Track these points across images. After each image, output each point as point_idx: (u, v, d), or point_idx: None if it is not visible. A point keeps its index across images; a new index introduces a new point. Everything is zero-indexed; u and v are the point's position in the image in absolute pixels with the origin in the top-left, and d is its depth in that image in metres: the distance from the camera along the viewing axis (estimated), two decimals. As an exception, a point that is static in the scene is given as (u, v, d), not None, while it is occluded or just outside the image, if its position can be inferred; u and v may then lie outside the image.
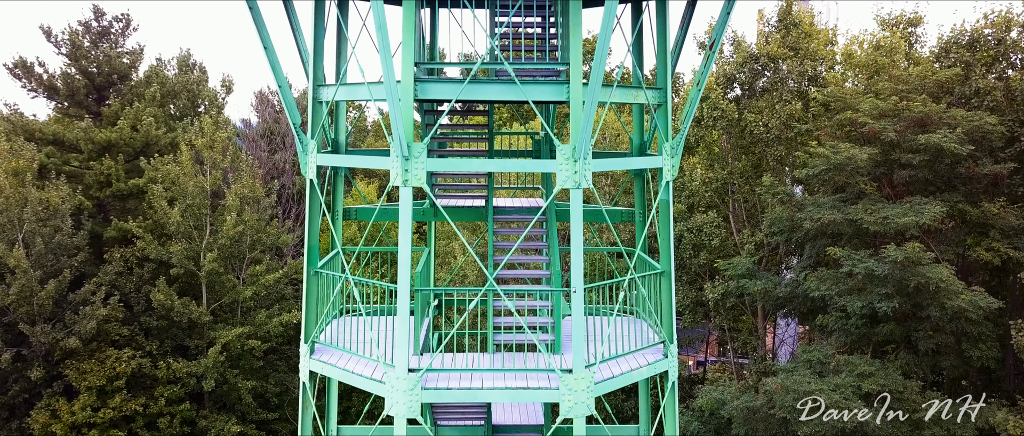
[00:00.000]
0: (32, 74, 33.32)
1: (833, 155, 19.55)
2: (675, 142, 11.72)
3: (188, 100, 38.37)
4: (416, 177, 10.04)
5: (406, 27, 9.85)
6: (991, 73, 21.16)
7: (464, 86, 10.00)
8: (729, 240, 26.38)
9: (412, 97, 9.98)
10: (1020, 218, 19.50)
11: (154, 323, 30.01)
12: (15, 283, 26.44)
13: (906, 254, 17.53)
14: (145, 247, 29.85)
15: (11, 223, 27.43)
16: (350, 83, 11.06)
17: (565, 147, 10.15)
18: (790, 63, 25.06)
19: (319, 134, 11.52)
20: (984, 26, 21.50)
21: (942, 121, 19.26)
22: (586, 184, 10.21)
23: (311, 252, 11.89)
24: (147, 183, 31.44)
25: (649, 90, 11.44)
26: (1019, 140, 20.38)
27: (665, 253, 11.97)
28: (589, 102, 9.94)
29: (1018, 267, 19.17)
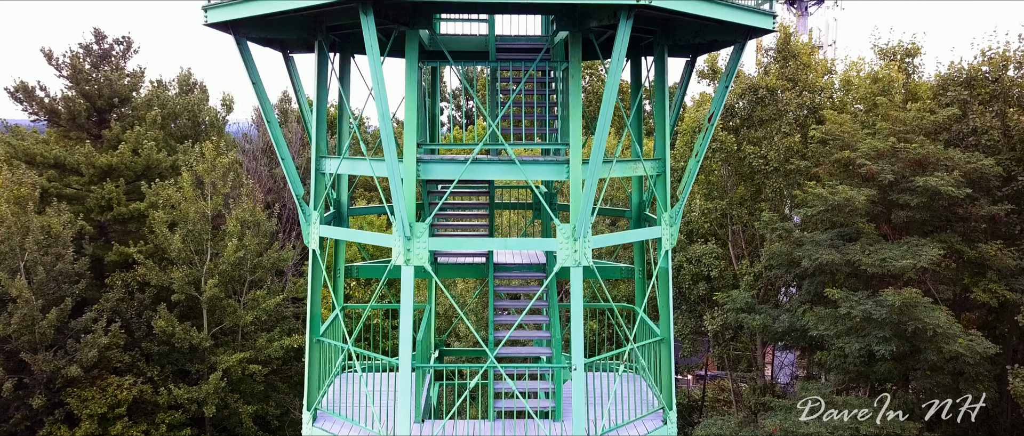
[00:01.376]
0: (33, 98, 33.43)
1: (831, 196, 19.66)
2: (674, 211, 11.84)
3: (189, 120, 38.48)
4: (418, 257, 10.15)
5: (408, 109, 9.96)
6: (989, 111, 21.26)
7: (466, 167, 10.11)
8: (728, 270, 26.49)
9: (415, 178, 10.10)
10: (1017, 259, 19.62)
11: (155, 348, 30.14)
12: (17, 312, 26.54)
13: (904, 299, 17.64)
14: (146, 273, 29.98)
15: (13, 252, 27.53)
16: (353, 157, 11.17)
17: (565, 227, 10.27)
18: (789, 95, 25.18)
19: (322, 203, 11.63)
20: (981, 63, 21.60)
21: (940, 163, 19.38)
22: (586, 262, 10.33)
23: (313, 319, 12.00)
24: (148, 208, 31.57)
25: (648, 161, 11.56)
26: (1016, 179, 20.49)
27: (665, 320, 12.08)
28: (589, 181, 10.06)
29: (1015, 308, 19.28)
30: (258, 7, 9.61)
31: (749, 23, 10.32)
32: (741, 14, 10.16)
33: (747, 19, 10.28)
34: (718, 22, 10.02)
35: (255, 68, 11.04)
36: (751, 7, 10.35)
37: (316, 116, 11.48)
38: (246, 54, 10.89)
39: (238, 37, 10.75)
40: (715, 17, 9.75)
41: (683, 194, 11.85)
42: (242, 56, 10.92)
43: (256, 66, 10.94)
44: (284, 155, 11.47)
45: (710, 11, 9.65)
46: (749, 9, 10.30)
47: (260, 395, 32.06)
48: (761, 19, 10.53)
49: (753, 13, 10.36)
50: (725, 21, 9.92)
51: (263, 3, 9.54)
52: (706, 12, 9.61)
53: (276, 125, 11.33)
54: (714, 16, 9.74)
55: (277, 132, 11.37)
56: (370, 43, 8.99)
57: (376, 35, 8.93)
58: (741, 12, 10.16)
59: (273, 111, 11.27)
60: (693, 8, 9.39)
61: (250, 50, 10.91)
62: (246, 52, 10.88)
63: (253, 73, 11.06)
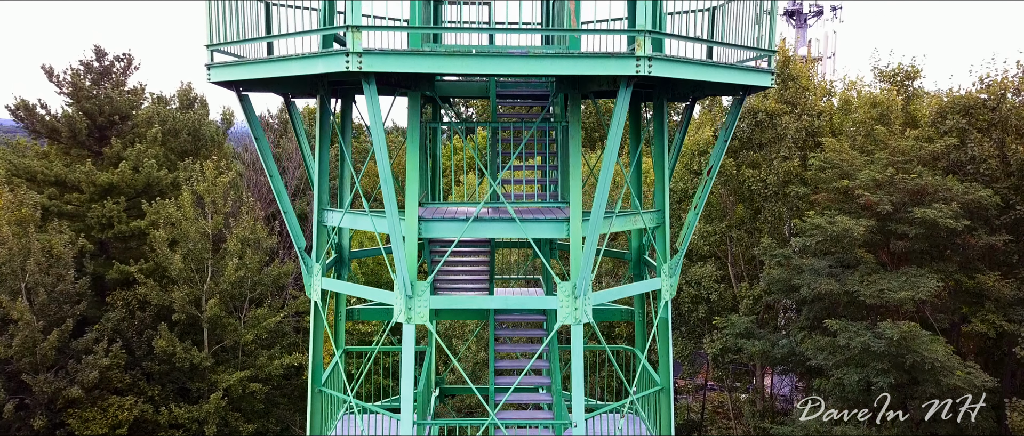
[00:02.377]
0: (34, 116, 33.47)
1: (829, 226, 19.74)
2: (673, 262, 11.91)
3: (189, 135, 38.50)
4: (420, 315, 10.22)
5: (410, 168, 10.03)
6: (987, 139, 21.33)
7: (467, 225, 10.18)
8: (727, 292, 26.57)
9: (416, 237, 10.16)
10: (1015, 289, 19.70)
11: (156, 368, 30.22)
12: (18, 334, 26.61)
13: (902, 332, 17.73)
14: (147, 293, 30.06)
15: (14, 273, 27.58)
16: (355, 211, 11.23)
17: (565, 285, 10.33)
18: (788, 118, 25.25)
19: (324, 255, 11.69)
20: (980, 91, 21.67)
21: (938, 193, 19.46)
22: (586, 319, 10.40)
23: (315, 369, 12.07)
24: (148, 226, 31.63)
25: (647, 213, 11.62)
26: (1014, 208, 20.56)
27: (664, 369, 12.15)
28: (589, 239, 10.13)
29: (1012, 339, 19.37)
30: (261, 70, 9.68)
31: (748, 82, 10.39)
32: (740, 75, 10.23)
33: (746, 79, 10.35)
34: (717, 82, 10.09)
35: (257, 122, 11.11)
36: (751, 67, 10.42)
37: (318, 168, 11.55)
38: (248, 109, 10.96)
39: (240, 92, 10.81)
40: (714, 80, 9.82)
41: (682, 245, 11.92)
42: (244, 110, 10.99)
43: (258, 119, 11.01)
44: (286, 209, 11.53)
45: (709, 75, 9.73)
46: (748, 70, 10.37)
47: (260, 412, 32.15)
48: (760, 77, 10.60)
49: (752, 73, 10.43)
50: (724, 82, 9.99)
51: (265, 67, 9.60)
52: (705, 77, 9.68)
53: (278, 178, 11.39)
54: (713, 79, 9.82)
55: (279, 185, 11.43)
56: (372, 111, 9.06)
57: (378, 102, 9.00)
58: (740, 73, 10.23)
59: (275, 164, 11.34)
60: (692, 74, 9.46)
61: (252, 105, 10.98)
62: (248, 108, 10.95)
63: (256, 127, 11.13)
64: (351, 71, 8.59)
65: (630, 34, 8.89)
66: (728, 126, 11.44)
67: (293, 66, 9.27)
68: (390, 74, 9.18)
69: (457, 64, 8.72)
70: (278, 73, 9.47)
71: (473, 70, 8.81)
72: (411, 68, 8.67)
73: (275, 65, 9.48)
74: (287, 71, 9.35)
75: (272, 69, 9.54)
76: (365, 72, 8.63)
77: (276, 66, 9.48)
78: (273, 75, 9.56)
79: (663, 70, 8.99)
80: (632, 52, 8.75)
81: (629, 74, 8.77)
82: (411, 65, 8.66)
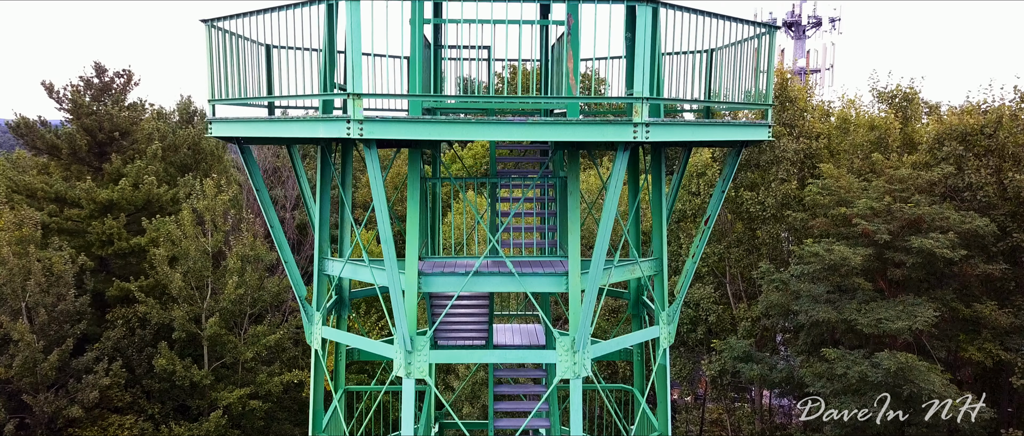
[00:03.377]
0: (34, 133, 33.56)
1: (827, 255, 19.83)
2: (672, 309, 12.00)
3: (189, 150, 38.57)
4: (419, 370, 10.31)
5: (410, 225, 10.11)
6: (984, 166, 21.43)
7: (468, 279, 10.27)
8: (726, 313, 26.67)
9: (416, 291, 10.25)
10: (1012, 317, 19.80)
11: (156, 386, 30.31)
12: (19, 355, 26.69)
13: (899, 364, 17.83)
14: (147, 311, 30.14)
15: (15, 293, 27.66)
16: (356, 260, 11.32)
17: (565, 339, 10.42)
18: (786, 141, 25.35)
19: (325, 303, 11.78)
20: (977, 122, 21.73)
21: (935, 223, 19.56)
22: (586, 373, 10.49)
23: (316, 415, 12.16)
24: (148, 243, 31.71)
25: (645, 262, 11.72)
26: (1011, 235, 20.67)
27: (662, 415, 12.25)
28: (589, 293, 10.22)
29: (1009, 369, 19.47)
30: (262, 129, 9.76)
31: (746, 138, 10.49)
32: (738, 131, 10.33)
33: (744, 134, 10.45)
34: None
35: (258, 172, 11.20)
36: (748, 122, 10.50)
37: (319, 218, 11.63)
38: (250, 160, 11.05)
39: (242, 146, 10.90)
40: (712, 139, 9.92)
41: (681, 292, 12.01)
42: (245, 162, 11.08)
43: (259, 171, 11.09)
44: (287, 258, 11.62)
45: (706, 134, 9.82)
46: (746, 125, 10.46)
47: (261, 430, 32.22)
48: (757, 131, 10.69)
49: (749, 128, 10.52)
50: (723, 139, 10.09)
51: (267, 126, 9.69)
52: (702, 137, 9.78)
53: (279, 229, 11.48)
54: (710, 138, 9.91)
55: (280, 235, 11.52)
56: (373, 173, 9.16)
57: (379, 165, 9.09)
58: (738, 129, 10.32)
59: (276, 215, 11.43)
60: (690, 135, 9.56)
61: (254, 157, 11.06)
62: (250, 159, 11.04)
63: (256, 179, 11.22)
64: (352, 138, 8.68)
65: (628, 101, 8.97)
66: (726, 177, 11.52)
67: (294, 128, 9.35)
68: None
69: (457, 131, 8.81)
70: (279, 134, 9.56)
71: (473, 137, 8.90)
72: (412, 135, 8.75)
73: (277, 125, 9.57)
74: (288, 133, 9.43)
75: (274, 129, 9.63)
76: (366, 139, 8.72)
77: (278, 126, 9.56)
78: (274, 135, 9.66)
79: (660, 134, 9.07)
80: (630, 119, 8.84)
81: (626, 140, 8.87)
82: (412, 132, 8.75)
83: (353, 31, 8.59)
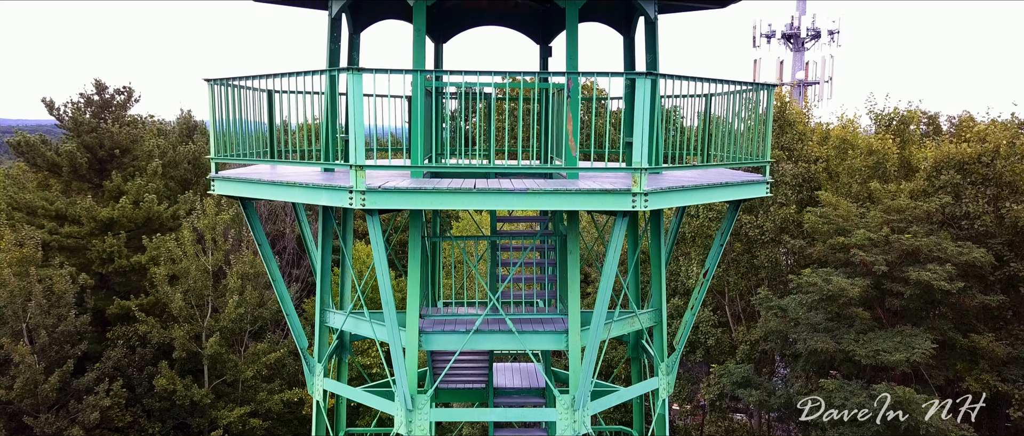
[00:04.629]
0: (36, 151, 33.61)
1: (825, 285, 19.93)
2: (671, 361, 12.10)
3: (190, 165, 38.64)
4: (420, 427, 10.40)
5: (411, 285, 10.20)
6: (982, 195, 21.52)
7: (468, 338, 10.36)
8: (725, 336, 26.76)
9: (417, 349, 10.33)
10: (1009, 348, 19.90)
11: (156, 405, 30.39)
12: (20, 376, 26.77)
13: (897, 397, 17.93)
14: (148, 331, 30.22)
15: (16, 315, 27.74)
16: (357, 312, 11.41)
17: (565, 397, 10.51)
18: (785, 166, 25.44)
19: (326, 356, 11.86)
20: (975, 151, 21.80)
21: (932, 254, 19.65)
22: (586, 430, 10.58)
23: (317, 464, 12.24)
24: (149, 261, 31.78)
25: (644, 313, 11.81)
26: (1008, 264, 20.77)
27: (661, 463, 12.33)
28: (589, 349, 10.32)
29: (1006, 400, 19.57)
30: (265, 192, 9.85)
31: (744, 196, 10.58)
32: (735, 191, 10.42)
33: (742, 193, 10.55)
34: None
35: (260, 228, 11.28)
36: (747, 181, 10.59)
37: (320, 270, 11.72)
38: (252, 217, 11.14)
39: (245, 202, 10.99)
40: (709, 201, 10.00)
41: (680, 344, 12.10)
42: (247, 217, 11.17)
43: (262, 227, 11.18)
44: (289, 311, 11.71)
45: (704, 198, 9.92)
46: (743, 184, 10.54)
47: (261, 448, 32.30)
48: (755, 189, 10.78)
49: (748, 186, 10.61)
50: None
51: (269, 189, 9.77)
52: (700, 200, 9.87)
53: (281, 283, 11.57)
54: (708, 201, 10.00)
55: (282, 288, 11.61)
56: (375, 240, 9.24)
57: (380, 232, 9.18)
58: (735, 189, 10.41)
59: (279, 271, 11.51)
60: (687, 200, 9.64)
61: (256, 213, 11.15)
62: (252, 215, 11.12)
63: (259, 234, 11.31)
64: (354, 208, 8.78)
65: (627, 171, 9.07)
66: (724, 231, 11.62)
67: (297, 194, 9.44)
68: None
69: (458, 201, 8.90)
70: (281, 198, 9.65)
71: (474, 206, 8.99)
72: (413, 205, 8.85)
73: (279, 189, 9.65)
74: (291, 197, 9.53)
75: (276, 192, 9.71)
76: (368, 209, 8.81)
77: (280, 190, 9.64)
78: (276, 198, 9.74)
79: (659, 202, 9.17)
80: (628, 189, 8.93)
81: (625, 209, 8.96)
82: (413, 202, 8.85)
83: (355, 103, 8.68)
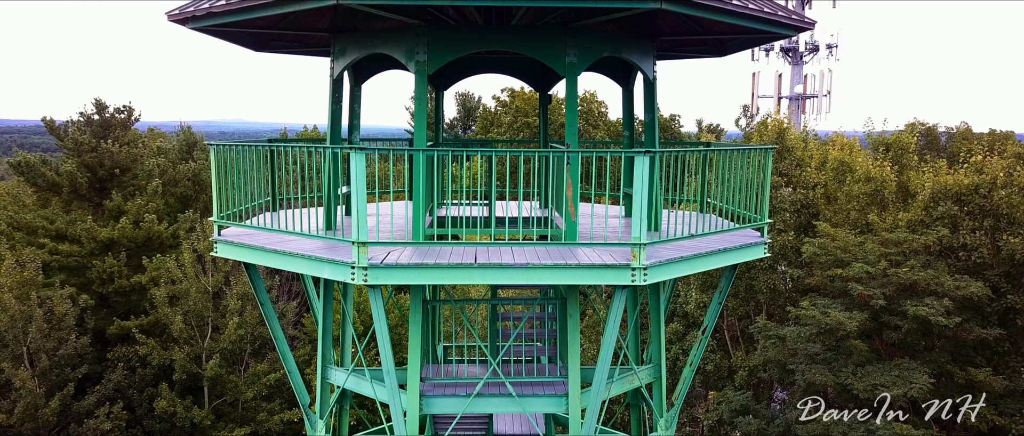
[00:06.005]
0: (36, 172, 33.68)
1: (823, 318, 20.03)
2: (670, 415, 12.20)
3: (189, 181, 38.70)
4: (421, 490, 10.49)
5: (412, 349, 10.29)
6: (979, 227, 21.64)
7: (469, 401, 10.46)
8: (724, 363, 26.87)
9: (417, 413, 10.43)
10: (1006, 381, 20.00)
11: (157, 427, 30.47)
12: (21, 401, 26.84)
13: (895, 432, 18.04)
14: (148, 353, 30.29)
15: (16, 339, 27.80)
16: (357, 371, 11.50)
17: (564, 458, 10.61)
18: (784, 192, 25.55)
19: (327, 412, 11.96)
20: (972, 182, 21.90)
21: (929, 288, 19.76)
22: (584, 488, 10.67)
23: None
24: (149, 281, 31.85)
25: (642, 369, 11.91)
26: (1005, 297, 20.89)
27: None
28: (590, 411, 10.41)
29: (1003, 434, 19.67)
30: (267, 259, 9.95)
31: (742, 260, 10.68)
32: (734, 255, 10.51)
33: (741, 256, 10.65)
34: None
35: (263, 288, 11.38)
36: (745, 244, 10.69)
37: (322, 326, 11.82)
38: (255, 279, 11.23)
39: (247, 265, 11.08)
40: (707, 269, 10.10)
41: (679, 399, 12.20)
42: (250, 279, 11.26)
43: (265, 289, 11.27)
44: (291, 368, 11.81)
45: (702, 266, 10.01)
46: (743, 247, 10.64)
47: (261, 468, 32.38)
48: (753, 251, 10.89)
49: (746, 249, 10.71)
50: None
51: (271, 257, 9.87)
52: (698, 269, 9.97)
53: (283, 340, 11.66)
54: (706, 268, 10.10)
55: (284, 346, 11.71)
56: (377, 313, 9.34)
57: (382, 307, 9.27)
58: (734, 253, 10.51)
59: (282, 332, 11.60)
60: (686, 270, 9.74)
61: (259, 275, 11.24)
62: (256, 277, 11.22)
63: (261, 293, 11.40)
64: (356, 283, 8.87)
65: (626, 246, 9.16)
66: (722, 290, 11.73)
67: (300, 264, 9.54)
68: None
69: (459, 275, 8.99)
70: (284, 267, 9.75)
71: (475, 281, 9.08)
72: (415, 281, 8.95)
73: (282, 258, 9.74)
74: (294, 267, 9.63)
75: (279, 261, 9.80)
76: (371, 284, 8.91)
77: (283, 259, 9.73)
78: (279, 267, 9.84)
79: (658, 275, 9.27)
80: (627, 263, 9.02)
81: (624, 283, 9.06)
82: (415, 277, 8.94)
83: (357, 181, 8.78)
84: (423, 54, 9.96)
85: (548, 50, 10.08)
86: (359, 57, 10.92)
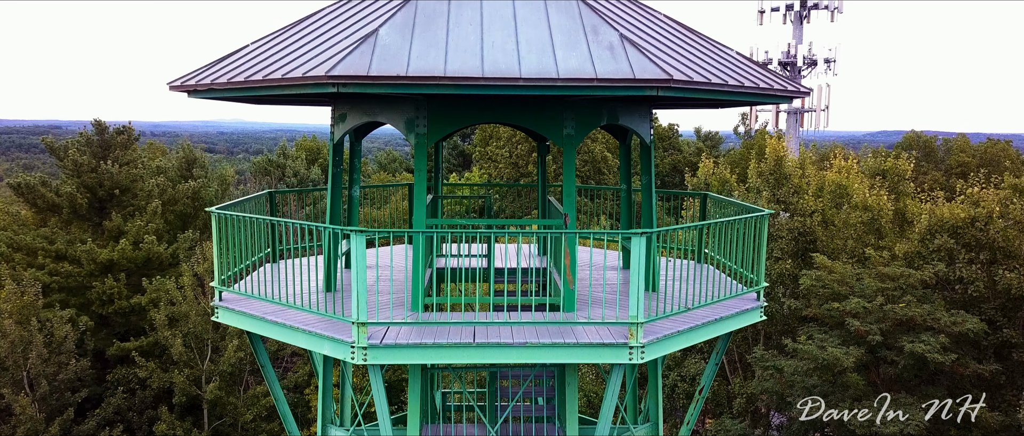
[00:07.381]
0: (36, 193, 33.76)
1: (820, 352, 20.14)
2: (667, 473, 12.30)
3: (189, 199, 38.79)
4: None
5: (412, 413, 10.39)
6: (976, 260, 21.75)
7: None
8: (722, 388, 26.98)
9: (417, 481, 10.52)
10: (1002, 416, 20.10)
11: (156, 449, 30.57)
12: (21, 426, 26.91)
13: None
14: (148, 376, 30.38)
15: (16, 365, 27.88)
16: (358, 430, 11.60)
17: (563, 522, 10.71)
18: (781, 220, 25.66)
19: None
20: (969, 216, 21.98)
21: (926, 323, 19.86)
22: None
23: None
24: (148, 303, 31.94)
25: (640, 428, 12.01)
26: (1001, 330, 20.99)
27: None
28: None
29: (999, 469, 19.80)
30: (268, 330, 10.04)
31: (739, 326, 10.79)
32: (731, 322, 10.61)
33: (738, 323, 10.75)
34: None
35: (265, 355, 11.47)
36: (742, 311, 10.78)
37: (322, 385, 11.91)
38: (257, 345, 11.32)
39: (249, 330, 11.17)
40: (708, 338, 10.20)
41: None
42: (252, 345, 11.35)
43: (267, 355, 11.36)
44: (292, 430, 11.90)
45: (700, 336, 10.11)
46: (740, 314, 10.73)
47: (260, 489, 32.48)
48: (750, 317, 10.99)
49: (743, 315, 10.81)
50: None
51: (272, 328, 9.96)
52: (696, 339, 10.07)
53: (283, 401, 11.76)
54: (704, 338, 10.20)
55: (284, 407, 11.80)
56: (377, 391, 9.43)
57: (383, 387, 9.36)
58: (731, 321, 10.60)
59: (283, 395, 11.70)
60: (684, 343, 9.84)
61: (261, 343, 11.33)
62: (257, 342, 11.31)
63: (262, 355, 11.49)
64: (356, 363, 8.97)
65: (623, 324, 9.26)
66: (719, 351, 11.83)
67: (301, 339, 9.63)
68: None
69: (458, 355, 9.09)
70: (285, 340, 9.84)
71: (473, 360, 9.18)
72: (414, 360, 9.05)
73: (283, 331, 9.83)
74: (295, 341, 9.72)
75: (280, 334, 9.89)
76: (371, 364, 9.00)
77: (284, 332, 9.82)
78: (280, 339, 9.94)
79: (656, 351, 9.37)
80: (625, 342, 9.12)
81: (622, 362, 9.16)
82: (414, 357, 9.04)
83: (358, 263, 8.87)
84: (423, 127, 10.05)
85: (546, 123, 10.17)
86: (359, 124, 11.01)
